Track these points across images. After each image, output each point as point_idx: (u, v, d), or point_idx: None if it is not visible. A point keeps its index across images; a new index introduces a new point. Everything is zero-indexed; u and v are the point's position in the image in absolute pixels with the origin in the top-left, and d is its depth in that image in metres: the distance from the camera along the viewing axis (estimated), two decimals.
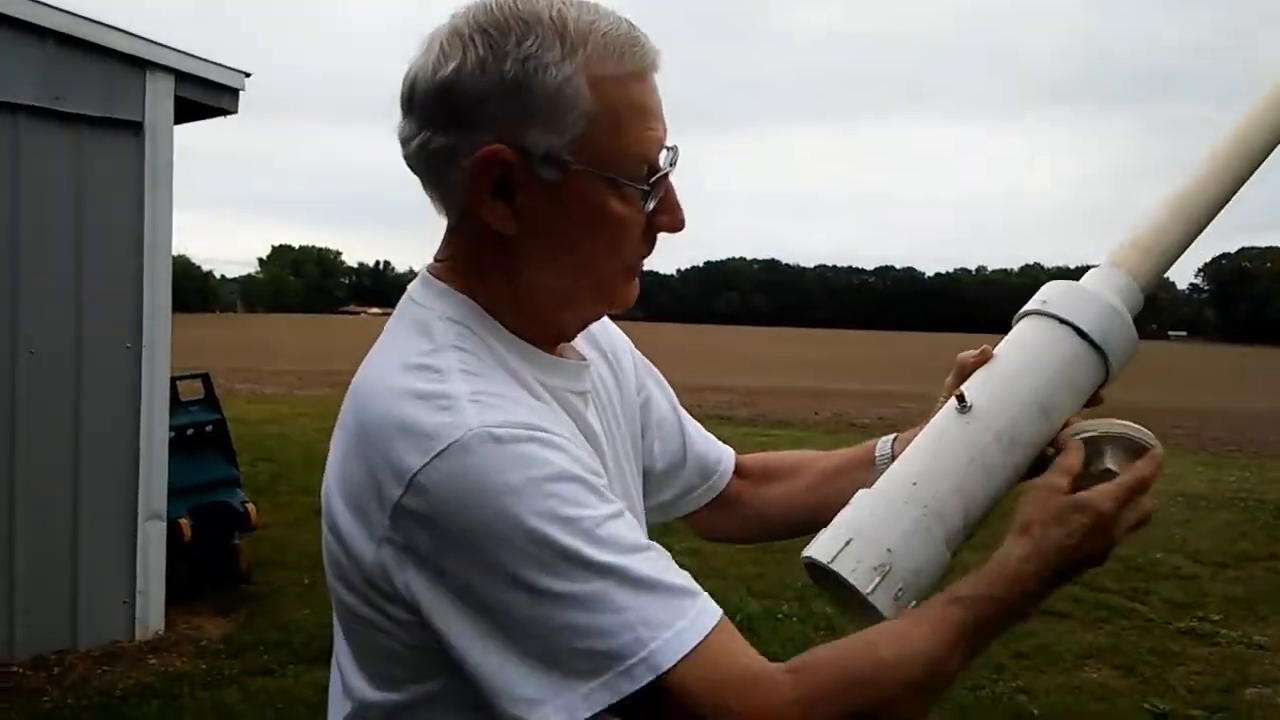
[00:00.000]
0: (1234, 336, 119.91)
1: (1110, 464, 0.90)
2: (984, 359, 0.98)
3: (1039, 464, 0.95)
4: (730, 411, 15.88)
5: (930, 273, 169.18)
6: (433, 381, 0.79)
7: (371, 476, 0.77)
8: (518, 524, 0.72)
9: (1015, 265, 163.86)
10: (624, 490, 0.97)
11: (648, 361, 1.14)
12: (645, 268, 0.90)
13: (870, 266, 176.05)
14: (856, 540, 0.86)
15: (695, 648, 0.72)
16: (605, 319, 1.00)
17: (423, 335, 0.84)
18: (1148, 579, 6.02)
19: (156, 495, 4.41)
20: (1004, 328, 1.03)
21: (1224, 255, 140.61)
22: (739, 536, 1.24)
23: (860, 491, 0.93)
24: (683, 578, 0.77)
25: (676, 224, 0.88)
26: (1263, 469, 11.32)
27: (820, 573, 0.89)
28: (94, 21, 4.13)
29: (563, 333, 0.92)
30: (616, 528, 0.75)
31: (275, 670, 4.15)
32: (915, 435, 1.05)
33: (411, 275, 0.93)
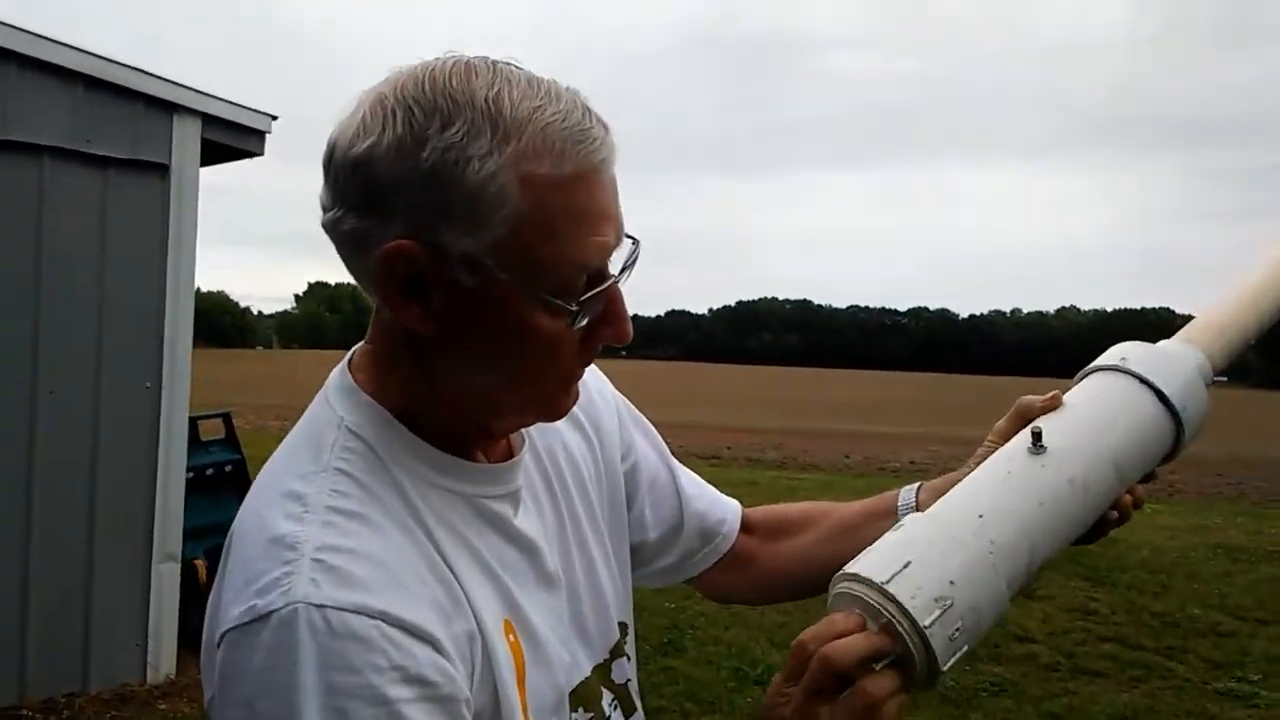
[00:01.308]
0: (1277, 382, 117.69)
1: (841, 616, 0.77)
2: (1053, 405, 0.92)
3: (1100, 524, 0.91)
4: (760, 454, 15.77)
5: (964, 314, 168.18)
6: (290, 519, 0.71)
7: (215, 604, 0.72)
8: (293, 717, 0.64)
9: (1051, 308, 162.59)
10: (589, 576, 0.90)
11: (638, 415, 1.06)
12: (677, 306, 0.80)
13: (904, 308, 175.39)
14: (917, 564, 0.75)
15: None
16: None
17: (313, 450, 0.76)
18: (1185, 636, 5.81)
19: (171, 537, 4.40)
20: (1041, 370, 0.97)
21: None
22: (752, 598, 1.16)
23: (912, 516, 0.83)
24: None
25: (621, 337, 0.78)
26: None
27: (849, 588, 0.77)
28: (123, 65, 4.19)
29: (490, 437, 0.83)
30: None
31: None
32: (943, 483, 0.99)
33: None
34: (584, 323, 0.74)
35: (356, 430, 0.76)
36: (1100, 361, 0.96)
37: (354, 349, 0.84)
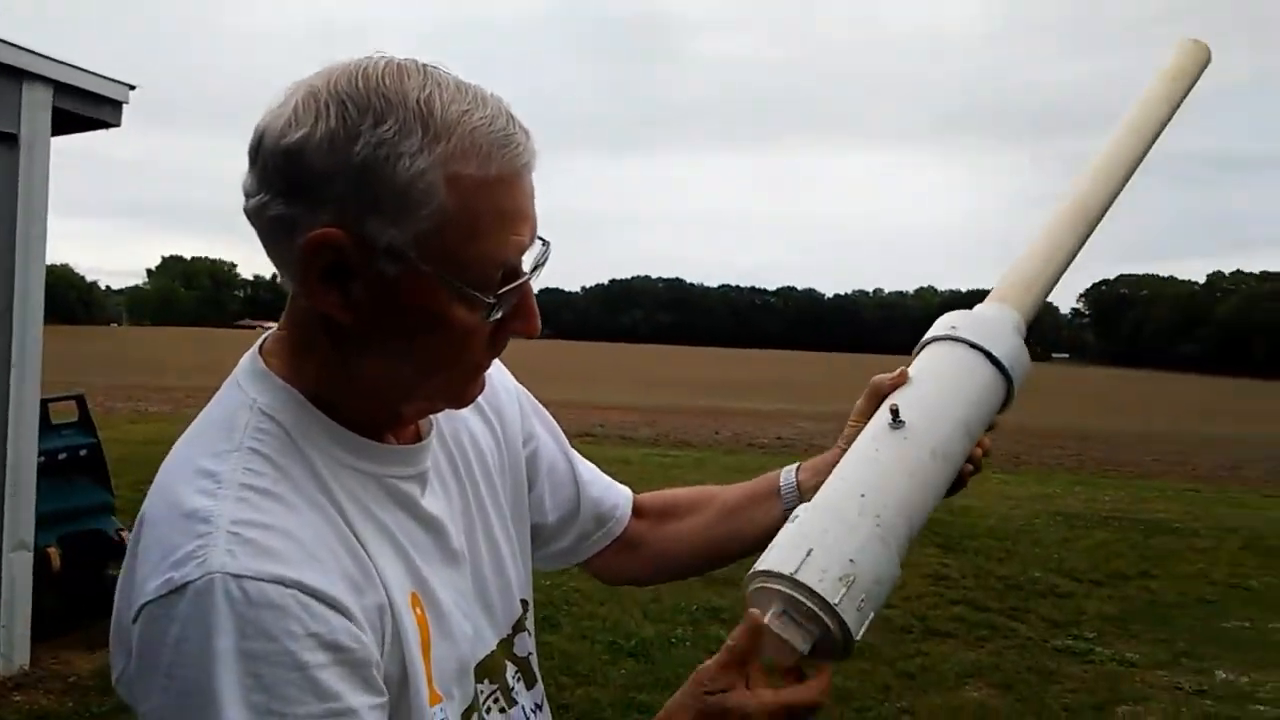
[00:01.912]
0: (1113, 359, 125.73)
1: (773, 622, 0.83)
2: (902, 381, 1.01)
3: (959, 479, 1.00)
4: (633, 431, 15.93)
5: (830, 294, 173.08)
6: (203, 494, 0.73)
7: (129, 581, 0.74)
8: (208, 691, 0.67)
9: (910, 289, 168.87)
10: (492, 554, 0.96)
11: (537, 405, 1.11)
12: (550, 285, 0.84)
13: (773, 288, 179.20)
14: (818, 551, 0.84)
15: None
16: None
17: (225, 430, 0.79)
18: (1027, 597, 6.24)
19: (23, 524, 4.19)
20: (899, 349, 1.06)
21: (1104, 281, 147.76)
22: (643, 578, 1.22)
23: (803, 506, 0.92)
24: None
25: (530, 331, 0.83)
26: (1136, 489, 11.88)
27: (765, 585, 0.85)
28: None
29: (399, 421, 0.87)
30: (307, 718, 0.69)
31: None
32: (819, 463, 1.08)
33: None
34: (497, 316, 0.78)
35: (269, 412, 0.79)
36: (934, 332, 1.05)
37: (265, 334, 0.87)
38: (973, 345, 1.01)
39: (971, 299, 1.14)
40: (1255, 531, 8.68)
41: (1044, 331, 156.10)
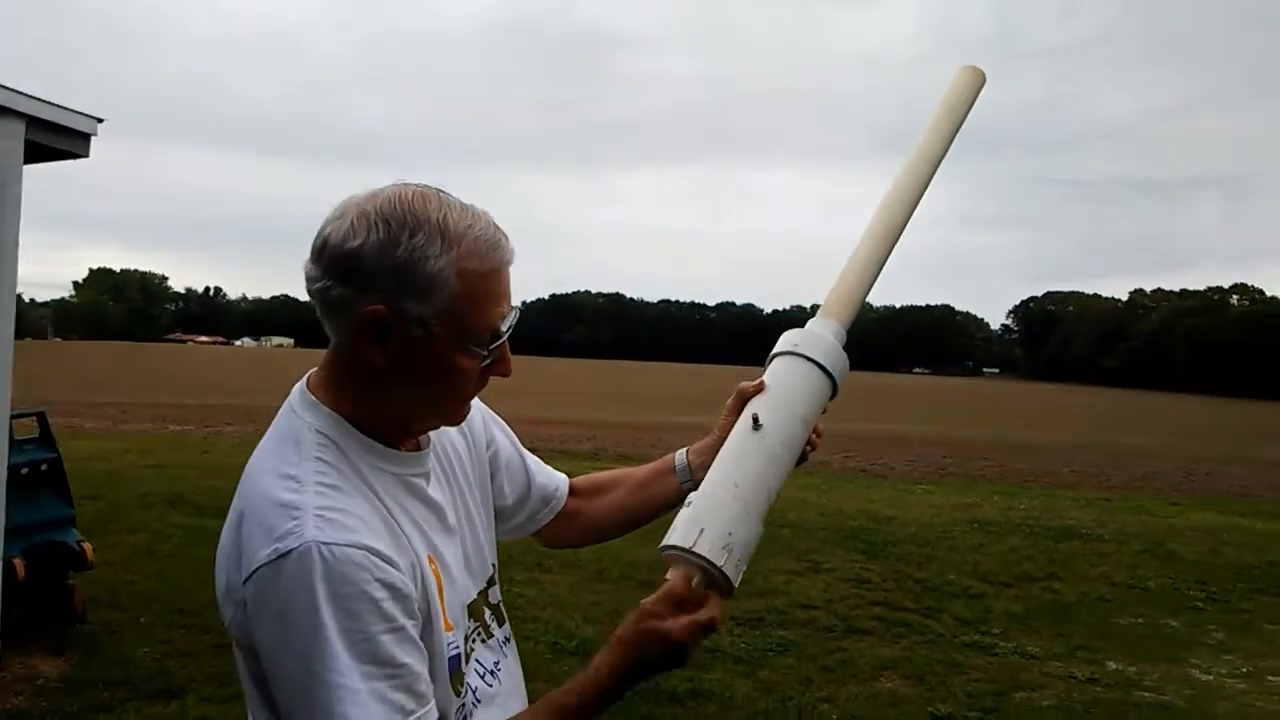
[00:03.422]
0: (1040, 374, 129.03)
1: (671, 574, 1.18)
2: (760, 388, 1.34)
3: (802, 457, 1.35)
4: (574, 446, 16.20)
5: (769, 309, 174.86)
6: (290, 491, 1.05)
7: (238, 555, 1.05)
8: (318, 623, 0.98)
9: None
10: (470, 528, 1.31)
11: (495, 415, 1.46)
12: None
13: (713, 302, 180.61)
14: (707, 529, 1.17)
15: None
16: None
17: (293, 446, 1.10)
18: (941, 598, 6.70)
19: None
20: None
21: (1032, 299, 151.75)
22: (578, 542, 1.58)
23: (693, 495, 1.23)
24: (413, 698, 1.03)
25: (505, 373, 1.19)
26: (1051, 497, 12.53)
27: (672, 554, 1.19)
28: None
29: (409, 435, 1.20)
30: (386, 645, 1.01)
31: (116, 707, 4.19)
32: (702, 446, 1.45)
33: (245, 302, 1.17)
34: (487, 363, 1.15)
35: (324, 431, 1.12)
36: (780, 348, 1.38)
37: (308, 373, 1.20)
38: (808, 359, 1.35)
39: (905, 314, 1.50)
40: (1156, 537, 9.29)
41: (975, 348, 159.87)
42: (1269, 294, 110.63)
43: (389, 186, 1.12)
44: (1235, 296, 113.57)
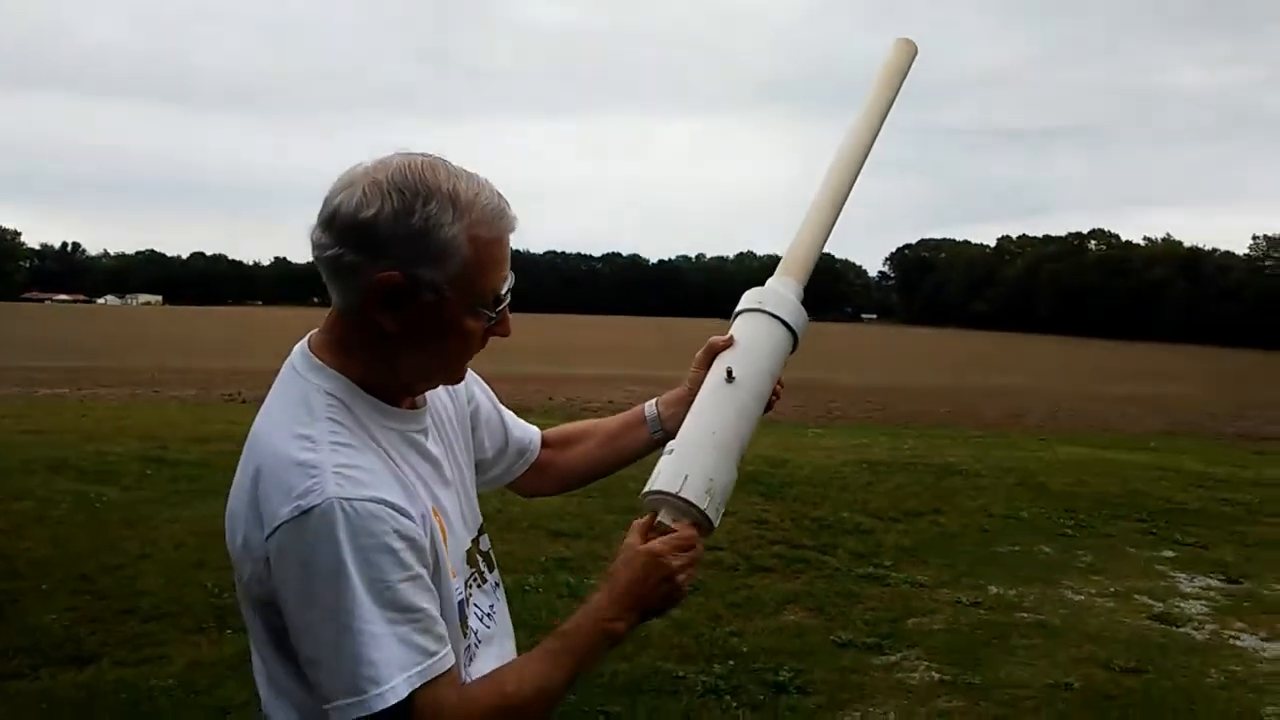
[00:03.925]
0: (916, 319, 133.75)
1: (665, 519, 1.29)
2: (730, 343, 1.44)
3: (768, 405, 1.45)
4: None
5: (654, 260, 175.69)
6: (307, 450, 1.10)
7: (256, 514, 1.10)
8: (343, 575, 1.05)
9: (731, 253, 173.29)
10: (461, 480, 1.38)
11: (475, 375, 1.52)
12: None
13: (598, 253, 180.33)
14: (691, 476, 1.29)
15: (417, 689, 1.07)
16: None
17: (304, 407, 1.15)
18: (835, 535, 7.04)
19: None
20: (721, 313, 1.52)
21: (907, 246, 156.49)
22: (550, 491, 1.65)
23: (671, 443, 1.34)
24: (433, 640, 1.10)
25: (507, 333, 1.27)
26: (932, 437, 13.18)
27: (657, 499, 1.30)
28: None
29: (411, 394, 1.27)
30: (405, 592, 1.07)
31: (28, 674, 4.10)
32: (672, 397, 1.53)
33: (107, 257, 1.17)
34: (492, 323, 1.22)
35: (332, 392, 1.18)
36: (747, 304, 1.48)
37: (309, 335, 1.24)
38: (773, 315, 1.46)
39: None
40: (1028, 471, 9.91)
41: (854, 294, 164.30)
42: (1125, 239, 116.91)
43: (395, 156, 1.17)
44: (1094, 242, 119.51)
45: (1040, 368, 35.36)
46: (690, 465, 1.31)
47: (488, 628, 1.34)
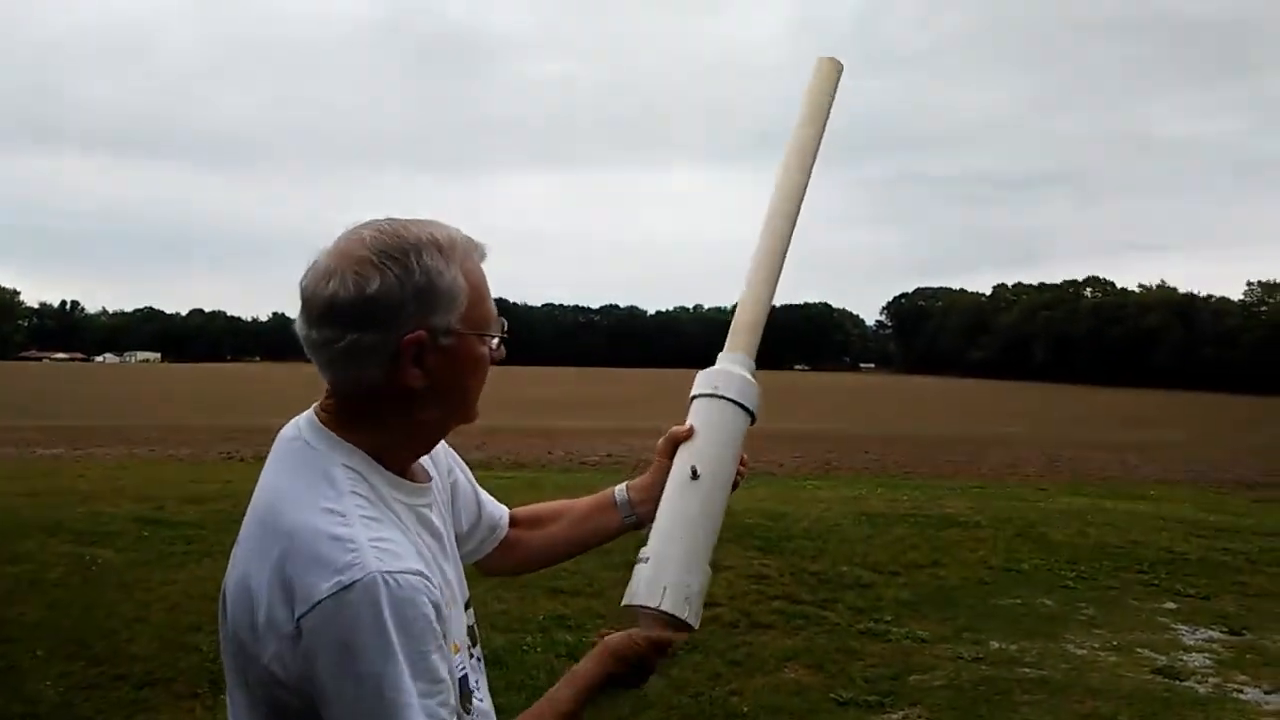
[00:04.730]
0: (913, 367, 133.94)
1: (643, 626, 1.37)
2: (689, 434, 1.47)
3: (734, 485, 1.48)
4: (465, 455, 16.07)
5: (652, 311, 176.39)
6: (340, 525, 1.10)
7: (285, 593, 1.08)
8: (388, 647, 1.05)
9: (728, 303, 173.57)
10: (455, 555, 1.39)
11: (450, 450, 1.53)
12: None
13: (596, 305, 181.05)
14: (670, 588, 1.34)
15: None
16: None
17: (327, 482, 1.15)
18: (835, 590, 6.99)
19: None
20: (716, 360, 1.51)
21: (903, 295, 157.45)
22: (515, 571, 1.66)
23: (645, 551, 1.39)
24: (450, 712, 1.12)
25: (501, 358, 1.28)
26: (931, 488, 13.12)
27: (638, 610, 1.35)
28: None
29: (420, 455, 1.30)
30: (435, 663, 1.09)
31: None
32: (641, 484, 1.53)
33: (105, 315, 1.15)
34: (497, 348, 1.25)
35: (351, 466, 1.18)
36: (701, 390, 1.50)
37: (312, 407, 1.25)
38: (729, 400, 1.48)
39: (784, 312, 1.66)
40: (1028, 521, 9.86)
41: (851, 344, 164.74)
42: (1120, 285, 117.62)
43: (351, 233, 1.19)
44: (1089, 289, 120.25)
45: (1037, 415, 35.40)
46: (667, 576, 1.36)
47: (482, 703, 1.35)
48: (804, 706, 4.79)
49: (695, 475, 1.42)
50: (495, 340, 1.25)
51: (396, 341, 1.15)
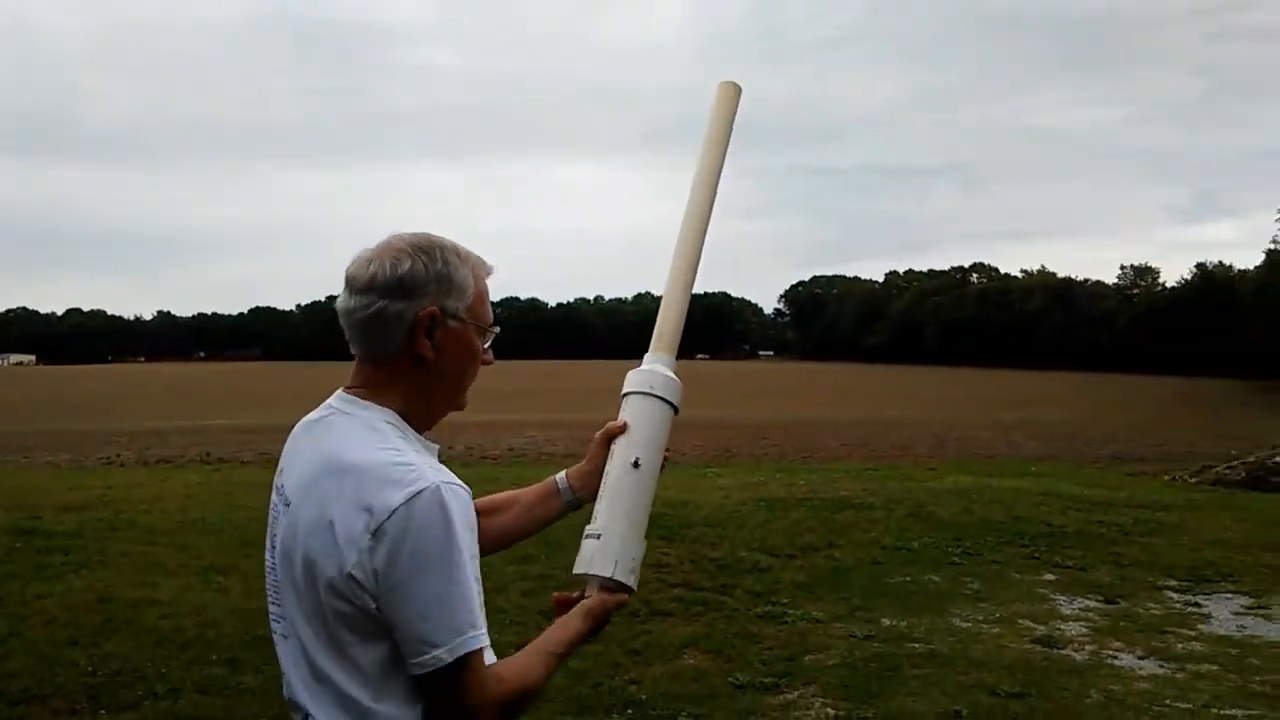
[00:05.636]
0: (810, 354, 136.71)
1: (589, 590, 1.60)
2: (623, 429, 1.66)
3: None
4: None
5: (553, 303, 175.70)
6: (398, 455, 1.37)
7: (360, 510, 1.31)
8: (453, 542, 1.31)
9: (629, 294, 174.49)
10: None
11: None
12: (262, 303, 1.51)
13: (498, 298, 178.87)
14: (620, 560, 1.56)
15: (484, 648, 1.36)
16: None
17: (374, 433, 1.41)
18: (734, 574, 7.11)
19: None
20: (620, 353, 1.73)
21: (800, 283, 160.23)
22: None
23: (593, 528, 1.58)
24: (482, 597, 1.38)
25: (490, 360, 1.56)
26: (827, 472, 13.42)
27: (589, 577, 1.56)
28: None
29: (433, 423, 1.52)
30: (476, 563, 1.37)
31: None
32: (579, 471, 1.72)
33: (54, 317, 1.19)
34: (488, 346, 1.53)
35: (390, 421, 1.43)
36: (635, 388, 1.68)
37: (340, 389, 1.49)
38: (660, 398, 1.67)
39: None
40: (918, 501, 10.18)
41: (751, 331, 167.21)
42: (1003, 271, 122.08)
43: (395, 234, 1.49)
44: (975, 275, 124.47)
45: (928, 398, 36.55)
46: (618, 550, 1.57)
47: None
48: (703, 691, 4.85)
49: (637, 465, 1.62)
50: (488, 342, 1.52)
51: (415, 313, 1.42)
